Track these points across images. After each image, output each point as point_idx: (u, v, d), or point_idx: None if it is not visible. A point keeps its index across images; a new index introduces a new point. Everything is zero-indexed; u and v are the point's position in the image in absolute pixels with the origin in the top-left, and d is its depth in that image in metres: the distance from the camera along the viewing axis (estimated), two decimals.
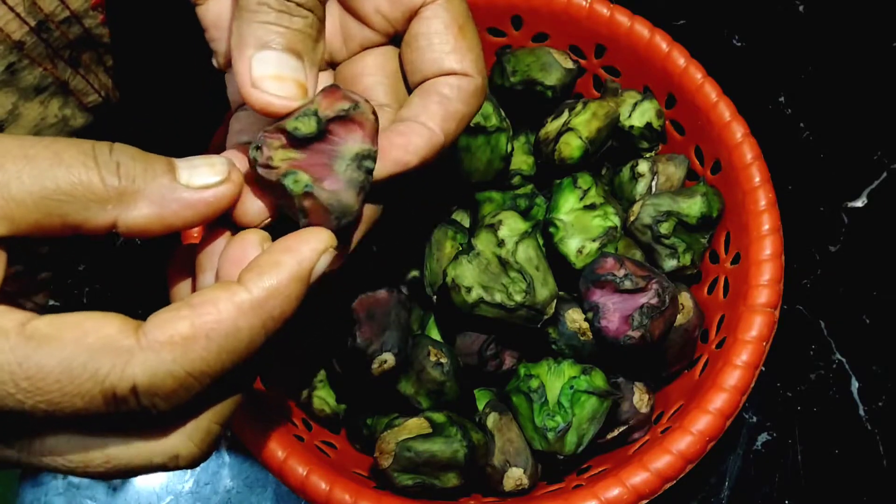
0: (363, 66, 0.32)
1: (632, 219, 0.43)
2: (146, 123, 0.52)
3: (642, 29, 0.45)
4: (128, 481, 0.47)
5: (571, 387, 0.38)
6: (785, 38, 0.59)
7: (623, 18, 0.45)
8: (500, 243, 0.38)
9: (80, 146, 0.23)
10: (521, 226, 0.38)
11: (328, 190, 0.26)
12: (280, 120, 0.26)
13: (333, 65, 0.33)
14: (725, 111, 0.43)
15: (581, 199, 0.42)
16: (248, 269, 0.24)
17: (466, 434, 0.37)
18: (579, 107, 0.44)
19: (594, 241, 0.41)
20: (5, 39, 0.36)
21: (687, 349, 0.42)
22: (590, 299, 0.39)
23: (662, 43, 0.45)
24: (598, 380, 0.38)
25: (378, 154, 0.27)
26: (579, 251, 0.41)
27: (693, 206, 0.42)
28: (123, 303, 0.51)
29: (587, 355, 0.40)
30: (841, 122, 0.56)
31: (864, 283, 0.52)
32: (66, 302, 0.51)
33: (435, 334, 0.42)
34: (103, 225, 0.24)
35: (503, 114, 0.43)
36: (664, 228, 0.42)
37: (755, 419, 0.48)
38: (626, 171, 0.46)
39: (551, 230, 0.42)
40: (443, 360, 0.39)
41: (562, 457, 0.38)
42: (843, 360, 0.50)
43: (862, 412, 0.48)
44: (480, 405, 0.41)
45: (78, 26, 0.40)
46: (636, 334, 0.38)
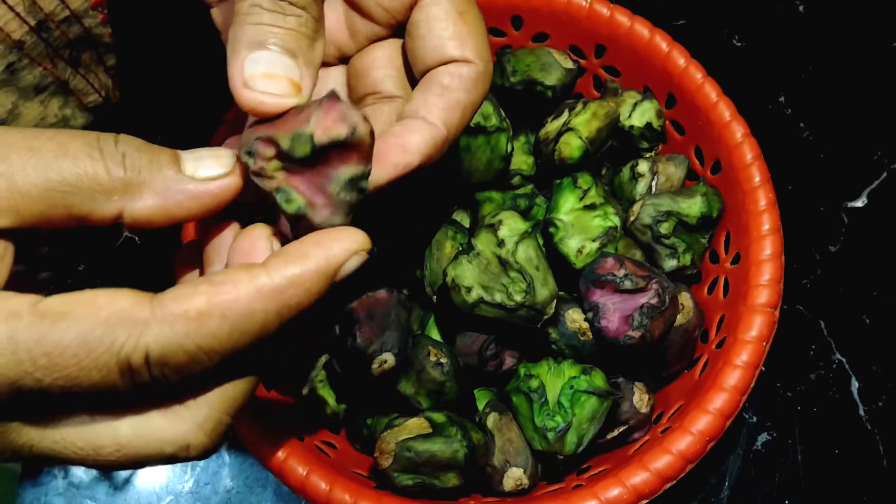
0: (373, 59, 0.32)
1: (632, 219, 0.43)
2: (146, 123, 0.52)
3: (642, 29, 0.45)
4: (128, 481, 0.47)
5: (571, 387, 0.38)
6: (785, 38, 0.59)
7: (623, 18, 0.45)
8: (500, 243, 0.38)
9: (85, 137, 0.23)
10: (521, 226, 0.38)
11: (321, 214, 0.26)
12: (272, 121, 0.26)
13: (345, 59, 0.33)
14: (725, 111, 0.43)
15: (581, 199, 0.42)
16: (275, 254, 0.24)
17: (466, 434, 0.37)
18: (579, 107, 0.44)
19: (594, 241, 0.41)
20: (5, 39, 0.36)
21: (687, 349, 0.42)
22: (590, 299, 0.39)
23: (662, 43, 0.45)
24: (598, 380, 0.38)
25: (375, 159, 0.27)
26: (579, 251, 0.41)
27: (693, 206, 0.42)
28: None
29: (587, 355, 0.40)
30: (841, 122, 0.56)
31: (864, 283, 0.52)
32: None
33: (435, 334, 0.42)
34: (109, 216, 0.24)
35: (503, 114, 0.43)
36: (664, 228, 0.42)
37: (755, 419, 0.48)
38: (626, 171, 0.46)
39: (551, 230, 0.42)
40: (443, 360, 0.39)
41: (562, 457, 0.38)
42: (843, 360, 0.50)
43: (862, 412, 0.48)
44: (480, 405, 0.41)
45: (78, 26, 0.40)
46: (636, 334, 0.38)
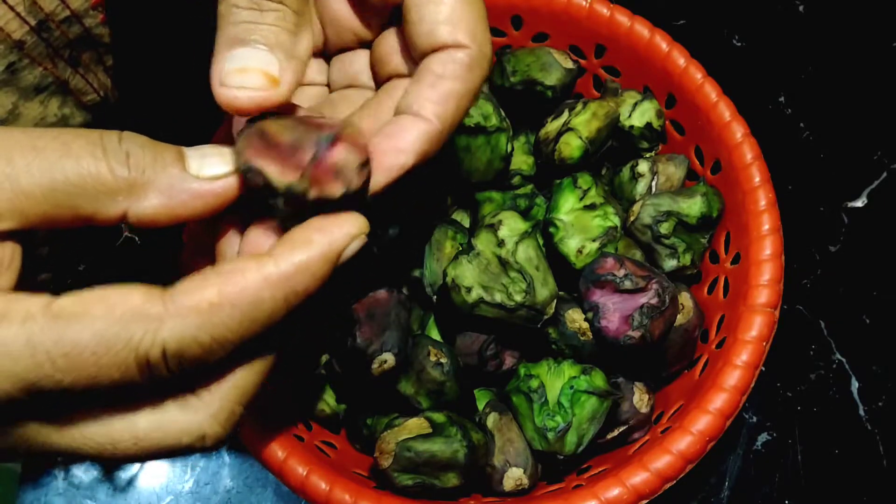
0: (391, 45, 0.31)
1: (632, 219, 0.43)
2: (146, 123, 0.52)
3: (642, 29, 0.45)
4: (128, 481, 0.47)
5: (571, 387, 0.38)
6: (785, 38, 0.59)
7: (623, 18, 0.45)
8: (500, 243, 0.38)
9: (88, 136, 0.23)
10: (521, 226, 0.38)
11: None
12: (260, 119, 0.25)
13: (366, 44, 0.32)
14: (725, 111, 0.43)
15: (581, 199, 0.42)
16: (280, 242, 0.24)
17: (466, 434, 0.37)
18: (579, 107, 0.44)
19: (594, 241, 0.41)
20: (5, 39, 0.36)
21: (687, 349, 0.42)
22: (590, 299, 0.39)
23: (662, 43, 0.45)
24: (598, 380, 0.38)
25: (371, 164, 0.26)
26: (579, 251, 0.41)
27: (693, 206, 0.42)
28: None
29: (587, 355, 0.40)
30: (841, 122, 0.56)
31: (864, 283, 0.52)
32: None
33: (435, 334, 0.42)
34: (114, 216, 0.24)
35: (503, 114, 0.43)
36: (664, 228, 0.42)
37: (755, 419, 0.48)
38: (626, 171, 0.46)
39: (551, 230, 0.42)
40: (443, 360, 0.39)
41: (562, 457, 0.38)
42: (843, 360, 0.50)
43: (862, 412, 0.48)
44: (480, 405, 0.41)
45: (78, 26, 0.40)
46: (636, 334, 0.38)
